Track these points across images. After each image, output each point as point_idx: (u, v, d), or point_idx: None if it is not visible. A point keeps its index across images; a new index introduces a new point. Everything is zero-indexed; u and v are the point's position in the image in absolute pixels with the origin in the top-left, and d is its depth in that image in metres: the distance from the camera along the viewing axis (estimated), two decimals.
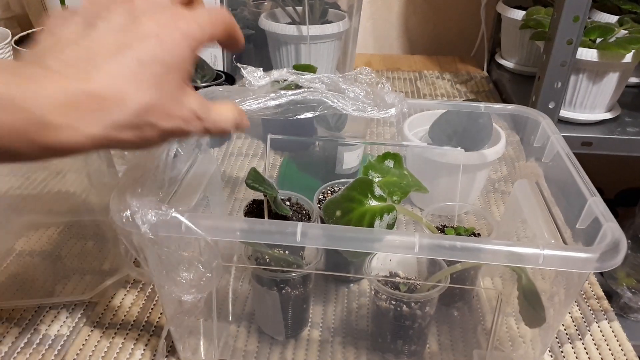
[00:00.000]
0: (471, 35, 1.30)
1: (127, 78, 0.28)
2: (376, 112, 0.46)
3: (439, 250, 0.37)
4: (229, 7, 0.89)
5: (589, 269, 0.36)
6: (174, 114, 0.31)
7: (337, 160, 0.71)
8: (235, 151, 0.85)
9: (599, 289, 0.62)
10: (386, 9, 1.30)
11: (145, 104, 0.29)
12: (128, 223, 0.37)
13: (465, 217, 0.65)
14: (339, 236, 0.38)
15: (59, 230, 0.67)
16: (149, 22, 0.29)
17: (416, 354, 0.51)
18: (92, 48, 0.28)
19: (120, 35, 0.29)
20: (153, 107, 0.29)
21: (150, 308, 0.57)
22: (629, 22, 0.87)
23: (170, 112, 0.30)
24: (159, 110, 0.30)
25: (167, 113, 0.30)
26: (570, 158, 0.48)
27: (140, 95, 0.28)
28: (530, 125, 0.56)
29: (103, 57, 0.28)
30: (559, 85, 0.80)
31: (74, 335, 0.53)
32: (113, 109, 0.28)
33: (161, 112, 0.30)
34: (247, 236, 0.39)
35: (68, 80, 0.27)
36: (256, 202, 0.57)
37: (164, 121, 0.30)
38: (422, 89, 1.13)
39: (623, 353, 0.53)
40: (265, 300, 0.51)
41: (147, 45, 0.29)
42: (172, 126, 0.31)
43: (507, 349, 0.52)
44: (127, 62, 0.28)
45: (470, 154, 0.64)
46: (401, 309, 0.47)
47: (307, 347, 0.53)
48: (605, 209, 0.40)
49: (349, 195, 0.47)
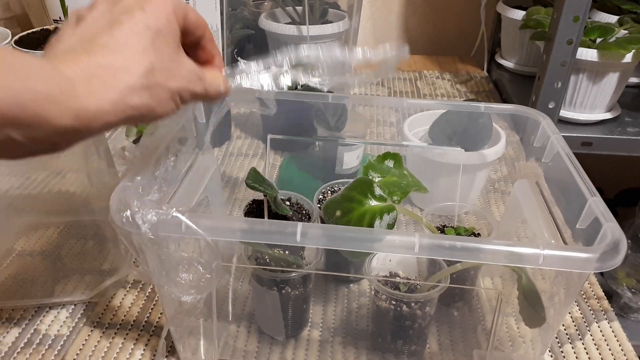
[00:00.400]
0: (471, 35, 1.30)
1: (125, 47, 0.31)
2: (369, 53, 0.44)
3: (439, 250, 0.37)
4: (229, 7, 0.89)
5: (589, 269, 0.36)
6: (177, 73, 0.33)
7: (337, 160, 0.71)
8: (235, 151, 0.85)
9: (599, 289, 0.62)
10: (386, 9, 1.30)
11: (148, 66, 0.31)
12: (128, 223, 0.37)
13: (465, 217, 0.65)
14: (339, 236, 0.38)
15: (59, 230, 0.67)
16: (127, 0, 0.33)
17: (416, 354, 0.51)
18: (86, 32, 0.32)
19: (107, 16, 0.32)
20: (155, 68, 0.32)
21: (150, 308, 0.57)
22: (629, 22, 0.87)
23: (172, 72, 0.33)
24: (162, 70, 0.32)
25: (170, 72, 0.33)
26: (570, 158, 0.48)
27: (141, 59, 0.31)
28: (530, 125, 0.56)
29: (99, 35, 0.31)
30: (559, 85, 0.80)
31: (74, 335, 0.53)
32: (122, 75, 0.30)
33: (164, 72, 0.32)
34: (247, 236, 0.39)
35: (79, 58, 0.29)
36: (256, 202, 0.57)
37: (170, 80, 0.33)
38: (422, 89, 1.13)
39: (623, 353, 0.53)
40: (265, 300, 0.51)
41: (134, 16, 0.32)
42: (178, 85, 0.33)
43: (507, 349, 0.52)
44: (121, 33, 0.31)
45: (470, 154, 0.64)
46: (401, 309, 0.47)
47: (307, 347, 0.53)
48: (605, 209, 0.40)
49: (349, 195, 0.47)
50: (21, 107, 0.26)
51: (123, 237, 0.39)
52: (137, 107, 0.31)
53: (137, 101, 0.31)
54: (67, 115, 0.28)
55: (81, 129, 0.29)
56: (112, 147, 0.71)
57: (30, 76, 0.27)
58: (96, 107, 0.29)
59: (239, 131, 0.91)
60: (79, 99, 0.28)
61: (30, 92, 0.26)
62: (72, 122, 0.28)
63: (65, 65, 0.29)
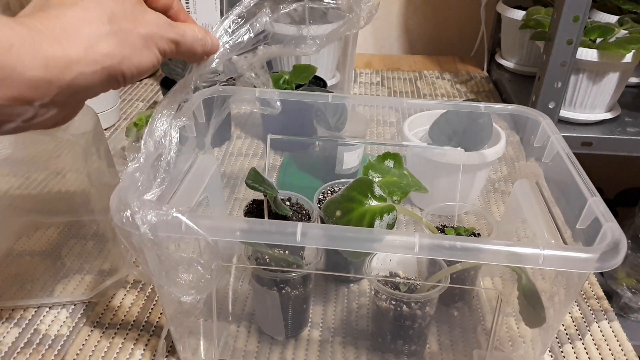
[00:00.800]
0: (471, 35, 1.30)
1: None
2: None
3: (439, 250, 0.37)
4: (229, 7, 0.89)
5: (589, 269, 0.36)
6: (143, 20, 0.33)
7: (337, 160, 0.71)
8: (235, 151, 0.85)
9: (599, 289, 0.62)
10: (386, 9, 1.30)
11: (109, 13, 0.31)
12: (128, 223, 0.37)
13: (465, 217, 0.65)
14: (339, 236, 0.38)
15: (59, 230, 0.67)
16: None
17: (416, 354, 0.51)
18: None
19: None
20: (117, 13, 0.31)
21: (150, 308, 0.57)
22: (629, 22, 0.87)
23: (137, 18, 0.32)
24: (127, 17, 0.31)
25: (135, 18, 0.32)
26: (570, 158, 0.48)
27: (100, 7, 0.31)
28: (530, 125, 0.56)
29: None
30: (559, 85, 0.80)
31: (74, 335, 0.53)
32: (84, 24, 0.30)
33: (129, 18, 0.32)
34: (247, 236, 0.39)
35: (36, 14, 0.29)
36: (256, 202, 0.57)
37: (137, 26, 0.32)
38: (422, 89, 1.13)
39: (623, 353, 0.53)
40: (265, 300, 0.51)
41: None
42: (147, 31, 0.33)
43: (507, 349, 0.52)
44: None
45: (470, 154, 0.64)
46: (401, 309, 0.47)
47: (307, 347, 0.53)
48: (605, 209, 0.40)
49: (349, 195, 0.47)
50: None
51: (123, 237, 0.39)
52: (108, 53, 0.30)
53: (105, 48, 0.30)
54: (35, 66, 0.27)
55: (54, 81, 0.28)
56: (112, 147, 0.71)
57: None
58: (64, 55, 0.28)
59: (239, 131, 0.91)
60: (43, 47, 0.28)
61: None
62: (42, 72, 0.28)
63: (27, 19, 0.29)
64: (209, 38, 0.39)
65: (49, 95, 0.29)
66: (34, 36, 0.28)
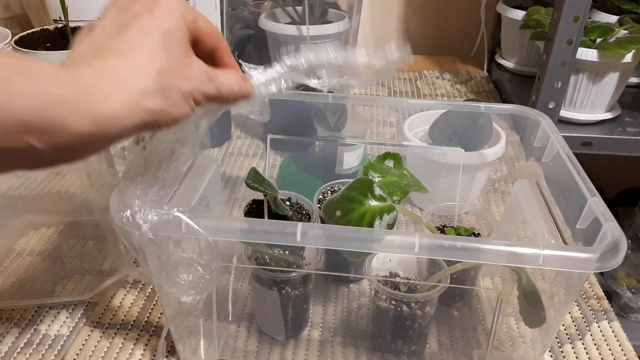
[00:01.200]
0: (471, 35, 1.30)
1: (135, 49, 0.31)
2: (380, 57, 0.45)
3: (439, 250, 0.37)
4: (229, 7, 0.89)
5: (589, 269, 0.36)
6: (188, 74, 0.33)
7: (337, 160, 0.71)
8: (235, 151, 0.85)
9: (599, 289, 0.62)
10: (386, 9, 1.30)
11: (159, 68, 0.31)
12: (128, 223, 0.37)
13: (465, 217, 0.65)
14: (339, 236, 0.38)
15: (59, 230, 0.67)
16: (136, 5, 0.33)
17: (416, 354, 0.51)
18: (97, 39, 0.32)
19: (116, 23, 0.32)
20: (167, 69, 0.32)
21: (150, 308, 0.57)
22: (629, 22, 0.87)
23: (183, 73, 0.33)
24: (173, 71, 0.32)
25: (181, 74, 0.33)
26: (570, 158, 0.48)
27: (152, 61, 0.31)
28: (530, 125, 0.56)
29: (109, 40, 0.31)
30: (559, 85, 0.80)
31: (74, 335, 0.53)
32: (134, 78, 0.30)
33: (176, 74, 0.32)
34: (247, 236, 0.39)
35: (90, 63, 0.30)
36: (256, 202, 0.57)
37: (182, 82, 0.33)
38: (422, 89, 1.13)
39: (623, 353, 0.53)
40: (265, 300, 0.51)
41: (142, 19, 0.32)
42: (190, 87, 0.33)
43: (507, 349, 0.52)
44: (131, 36, 0.31)
45: (470, 154, 0.64)
46: (401, 309, 0.47)
47: (307, 347, 0.53)
48: (605, 209, 0.40)
49: (349, 195, 0.47)
50: (39, 112, 0.26)
51: (123, 237, 0.39)
52: (152, 110, 0.31)
53: (151, 104, 0.31)
54: (84, 120, 0.28)
55: (99, 134, 0.29)
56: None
57: (46, 81, 0.27)
58: (111, 111, 0.29)
59: (239, 131, 0.91)
60: (94, 102, 0.28)
61: (47, 97, 0.26)
62: (90, 126, 0.28)
63: (77, 69, 0.29)
64: (245, 88, 0.40)
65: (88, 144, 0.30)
66: (86, 93, 0.28)
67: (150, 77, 0.31)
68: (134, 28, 0.32)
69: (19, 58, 0.27)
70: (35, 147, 0.27)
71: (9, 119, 0.25)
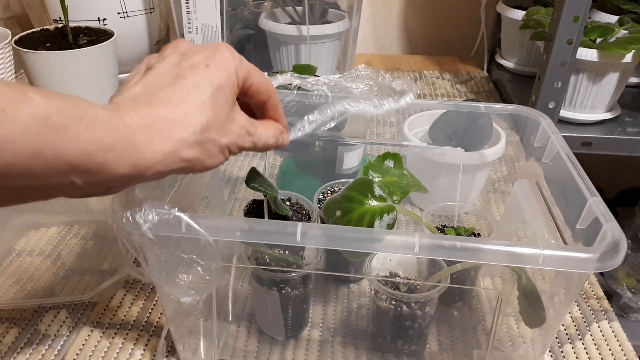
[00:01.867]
0: (471, 35, 1.30)
1: (185, 101, 0.32)
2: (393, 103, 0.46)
3: (439, 250, 0.37)
4: (229, 7, 0.89)
5: (589, 269, 0.36)
6: (229, 130, 0.35)
7: (337, 160, 0.71)
8: None
9: (599, 289, 0.62)
10: (386, 9, 1.30)
11: (205, 122, 0.33)
12: (128, 223, 0.37)
13: (465, 217, 0.65)
14: (339, 236, 0.38)
15: (59, 230, 0.67)
16: (196, 55, 0.35)
17: (416, 354, 0.51)
18: (152, 83, 0.33)
19: (174, 69, 0.34)
20: (211, 124, 0.33)
21: (150, 308, 0.57)
22: (629, 22, 0.87)
23: (225, 128, 0.35)
24: (217, 126, 0.34)
25: (223, 129, 0.34)
26: (570, 158, 0.48)
27: (199, 114, 0.33)
28: (530, 125, 0.56)
29: (163, 88, 0.33)
30: (559, 85, 0.80)
31: (74, 335, 0.53)
32: (179, 128, 0.32)
33: (218, 129, 0.34)
34: (247, 236, 0.39)
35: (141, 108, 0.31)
36: (256, 202, 0.57)
37: (222, 137, 0.34)
38: (422, 89, 1.13)
39: (623, 353, 0.53)
40: (265, 300, 0.51)
41: (198, 72, 0.34)
42: (228, 141, 0.35)
43: (507, 349, 0.52)
44: (184, 87, 0.33)
45: (470, 154, 0.64)
46: (401, 309, 0.47)
47: (307, 347, 0.53)
48: (605, 209, 0.40)
49: (349, 195, 0.47)
50: (87, 156, 0.28)
51: (123, 237, 0.39)
52: (188, 159, 0.33)
53: (189, 154, 0.32)
54: (125, 164, 0.30)
55: (135, 177, 0.31)
56: None
57: (98, 128, 0.28)
58: (152, 159, 0.31)
59: None
60: (137, 149, 0.30)
61: (97, 142, 0.28)
62: (129, 170, 0.30)
63: (127, 114, 0.30)
64: (280, 140, 0.41)
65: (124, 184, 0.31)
66: (132, 139, 0.30)
67: (193, 131, 0.32)
68: (189, 80, 0.33)
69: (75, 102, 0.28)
70: (76, 183, 0.29)
71: (62, 162, 0.27)
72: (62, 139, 0.27)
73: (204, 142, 0.33)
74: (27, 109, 0.26)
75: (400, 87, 0.48)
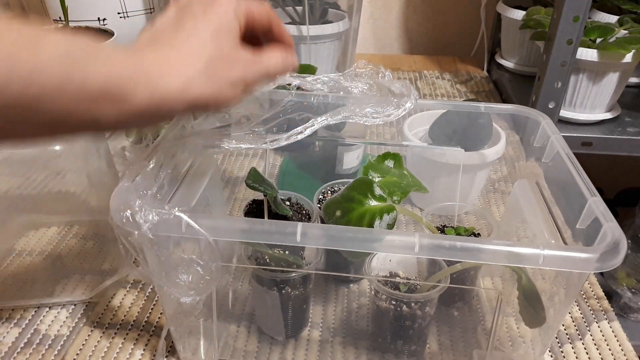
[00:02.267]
0: (471, 35, 1.30)
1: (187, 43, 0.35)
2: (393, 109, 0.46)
3: (439, 250, 0.37)
4: None
5: (589, 269, 0.36)
6: (235, 63, 0.37)
7: (337, 160, 0.71)
8: (235, 151, 0.85)
9: (599, 289, 0.62)
10: (386, 9, 1.30)
11: (207, 58, 0.35)
12: (128, 223, 0.37)
13: (465, 217, 0.65)
14: (339, 236, 0.38)
15: (59, 230, 0.67)
16: (193, 7, 0.37)
17: (416, 354, 0.51)
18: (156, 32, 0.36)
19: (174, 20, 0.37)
20: (215, 59, 0.35)
21: (150, 308, 0.57)
22: (629, 22, 0.87)
23: (231, 62, 0.36)
24: (221, 61, 0.36)
25: (229, 63, 0.36)
26: (570, 158, 0.48)
27: (201, 52, 0.35)
28: (530, 125, 0.56)
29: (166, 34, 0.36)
30: (559, 85, 0.80)
31: (74, 335, 0.53)
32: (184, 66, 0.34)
33: (224, 63, 0.36)
34: (247, 236, 0.39)
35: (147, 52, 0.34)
36: (256, 202, 0.57)
37: (229, 70, 0.36)
38: (422, 89, 1.13)
39: (623, 353, 0.53)
40: (265, 300, 0.51)
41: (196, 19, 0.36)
42: (238, 73, 0.37)
43: (507, 349, 0.52)
44: (184, 33, 0.35)
45: (470, 154, 0.64)
46: (401, 309, 0.47)
47: (307, 347, 0.53)
48: (605, 209, 0.40)
49: (349, 195, 0.47)
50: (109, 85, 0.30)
51: (123, 237, 0.39)
52: (200, 94, 0.34)
53: (198, 90, 0.34)
54: (143, 96, 0.31)
55: (151, 111, 0.32)
56: (112, 147, 0.71)
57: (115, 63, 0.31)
58: (165, 90, 0.32)
59: None
60: (152, 79, 0.32)
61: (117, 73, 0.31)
62: (147, 102, 0.32)
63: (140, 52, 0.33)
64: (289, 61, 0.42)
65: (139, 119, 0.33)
66: (147, 70, 0.32)
67: (198, 66, 0.34)
68: (188, 25, 0.36)
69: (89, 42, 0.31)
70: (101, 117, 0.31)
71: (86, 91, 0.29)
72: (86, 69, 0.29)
73: (212, 77, 0.35)
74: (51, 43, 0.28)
75: (399, 90, 0.48)
